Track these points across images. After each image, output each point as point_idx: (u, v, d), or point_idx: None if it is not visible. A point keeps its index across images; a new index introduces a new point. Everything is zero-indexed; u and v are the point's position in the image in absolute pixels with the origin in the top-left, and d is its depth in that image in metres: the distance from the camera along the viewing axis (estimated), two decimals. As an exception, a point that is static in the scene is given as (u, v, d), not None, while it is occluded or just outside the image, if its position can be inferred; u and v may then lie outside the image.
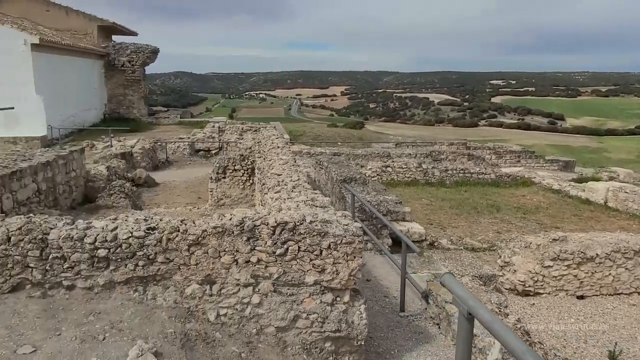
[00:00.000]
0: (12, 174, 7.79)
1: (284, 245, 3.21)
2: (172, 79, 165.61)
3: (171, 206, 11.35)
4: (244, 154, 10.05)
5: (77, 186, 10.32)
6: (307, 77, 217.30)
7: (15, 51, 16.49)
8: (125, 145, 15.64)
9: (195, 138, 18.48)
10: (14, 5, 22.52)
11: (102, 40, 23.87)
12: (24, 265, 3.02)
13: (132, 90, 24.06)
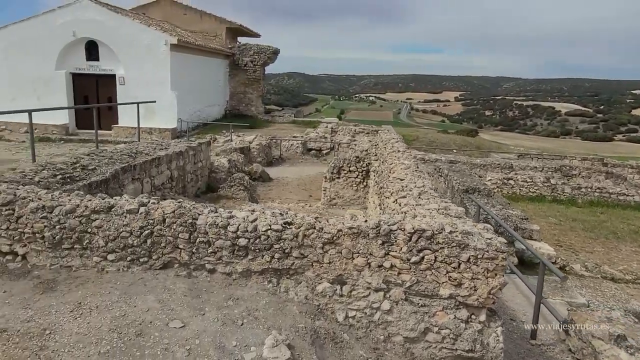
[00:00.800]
0: (152, 161, 8.68)
1: (419, 253, 3.10)
2: (286, 79, 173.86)
3: (284, 202, 11.81)
4: (360, 155, 10.09)
5: (202, 176, 11.22)
6: (419, 81, 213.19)
7: (158, 50, 18.55)
8: (244, 140, 16.71)
9: (308, 137, 19.09)
10: (157, 9, 25.40)
11: (228, 41, 25.83)
12: (174, 246, 3.30)
13: (252, 88, 25.66)
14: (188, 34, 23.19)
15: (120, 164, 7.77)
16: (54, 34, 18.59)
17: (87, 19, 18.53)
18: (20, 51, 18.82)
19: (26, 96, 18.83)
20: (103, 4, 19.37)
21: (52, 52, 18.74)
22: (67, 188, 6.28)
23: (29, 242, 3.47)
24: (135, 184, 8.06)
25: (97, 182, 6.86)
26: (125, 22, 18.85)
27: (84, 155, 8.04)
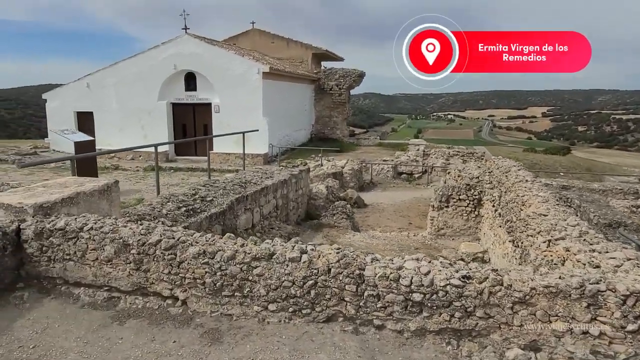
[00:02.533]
0: (261, 191, 8.78)
1: (637, 320, 2.61)
2: (362, 99, 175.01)
3: (384, 230, 11.46)
4: (470, 183, 9.52)
5: (302, 203, 11.22)
6: (502, 97, 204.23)
7: (250, 79, 19.32)
8: (335, 165, 16.70)
9: (398, 160, 18.68)
10: (247, 39, 26.67)
11: (314, 66, 26.38)
12: (340, 298, 3.10)
13: (337, 112, 25.87)
14: (276, 61, 24.01)
15: (233, 194, 7.92)
16: (157, 68, 20.09)
17: (186, 53, 19.83)
18: (128, 85, 20.55)
19: (132, 126, 20.46)
20: (201, 38, 20.66)
21: (155, 84, 20.24)
22: (192, 221, 6.46)
23: (190, 287, 3.46)
24: (247, 214, 8.17)
25: (216, 213, 7.01)
26: (220, 54, 19.92)
27: (201, 186, 8.32)
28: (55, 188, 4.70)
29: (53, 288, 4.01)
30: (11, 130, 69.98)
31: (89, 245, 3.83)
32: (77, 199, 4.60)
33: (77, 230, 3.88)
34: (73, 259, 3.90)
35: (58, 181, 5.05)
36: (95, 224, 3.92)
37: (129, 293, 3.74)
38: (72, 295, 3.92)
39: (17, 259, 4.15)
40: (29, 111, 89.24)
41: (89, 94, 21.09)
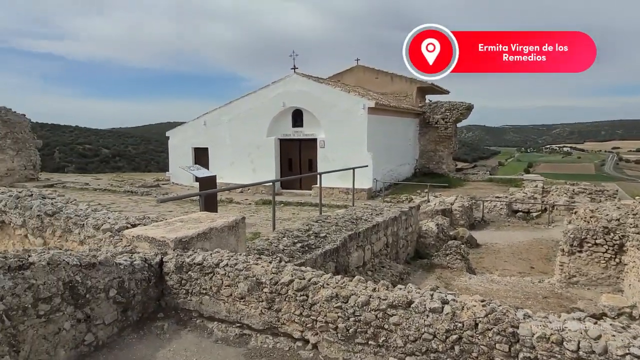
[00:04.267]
0: (372, 227, 8.66)
1: None
2: (465, 132, 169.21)
3: (503, 273, 10.63)
4: (608, 225, 8.49)
5: (411, 241, 10.87)
6: (629, 127, 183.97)
7: (356, 114, 19.65)
8: (444, 201, 16.08)
9: (513, 197, 17.47)
10: (351, 75, 27.38)
11: (419, 100, 26.14)
12: (489, 357, 2.83)
13: (443, 146, 25.17)
14: (380, 96, 24.23)
15: (346, 231, 7.89)
16: (267, 105, 21.37)
17: (294, 91, 20.87)
18: (240, 122, 22.08)
19: (242, 160, 21.83)
20: (308, 76, 21.64)
21: (265, 121, 21.48)
22: (308, 257, 6.52)
23: (322, 331, 3.42)
24: (359, 252, 8.08)
25: (330, 250, 7.01)
26: (327, 90, 20.63)
27: (314, 222, 8.45)
28: (191, 223, 5.05)
29: (189, 320, 4.24)
30: (135, 164, 78.71)
31: (223, 281, 4.00)
32: (210, 234, 4.88)
33: (213, 265, 4.09)
34: (209, 293, 4.09)
35: (192, 216, 5.43)
36: (229, 260, 4.10)
37: (260, 332, 3.81)
38: (206, 329, 4.10)
39: (158, 290, 4.48)
40: (150, 146, 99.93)
41: (205, 131, 23.03)
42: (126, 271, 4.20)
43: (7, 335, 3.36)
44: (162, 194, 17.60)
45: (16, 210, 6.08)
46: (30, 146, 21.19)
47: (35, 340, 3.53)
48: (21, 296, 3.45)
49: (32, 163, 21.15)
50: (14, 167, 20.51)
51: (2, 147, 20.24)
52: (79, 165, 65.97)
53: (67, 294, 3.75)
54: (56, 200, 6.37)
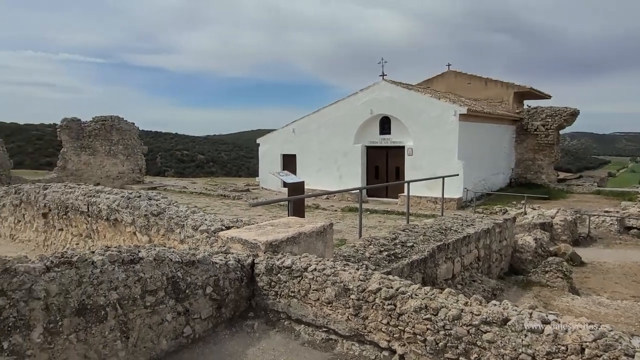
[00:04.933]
0: (462, 239, 8.34)
1: None
2: (568, 139, 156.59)
3: (612, 296, 9.66)
4: None
5: (505, 255, 10.30)
6: None
7: (446, 121, 19.08)
8: (543, 214, 15.00)
9: (626, 212, 15.80)
10: (441, 82, 26.67)
11: (516, 106, 24.72)
12: (596, 387, 2.60)
13: (543, 154, 23.53)
14: (473, 102, 23.31)
15: (434, 241, 7.69)
16: (355, 113, 21.52)
17: (383, 98, 20.80)
18: (327, 129, 22.47)
19: (328, 167, 22.18)
20: (397, 83, 21.46)
21: (352, 128, 21.64)
22: (394, 266, 6.45)
23: (409, 342, 3.38)
24: (448, 264, 7.83)
25: (417, 260, 6.87)
26: (416, 97, 20.30)
27: (400, 230, 8.35)
28: (280, 227, 5.26)
29: (277, 321, 4.40)
30: (227, 169, 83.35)
31: (311, 285, 4.11)
32: (299, 239, 5.04)
33: (301, 269, 4.21)
34: (297, 296, 4.22)
35: (282, 221, 5.64)
36: (317, 265, 4.20)
37: (346, 338, 3.85)
38: (293, 331, 4.23)
39: (249, 290, 4.71)
40: (241, 153, 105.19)
41: (293, 138, 23.76)
42: (221, 270, 4.47)
43: (119, 322, 3.74)
44: (252, 199, 18.45)
45: (127, 209, 6.75)
46: (137, 152, 23.36)
47: (142, 328, 3.88)
48: (132, 287, 3.83)
49: (138, 167, 23.29)
50: (123, 170, 22.75)
51: (115, 152, 22.57)
52: (177, 170, 71.22)
53: (170, 288, 4.08)
54: (160, 202, 6.97)
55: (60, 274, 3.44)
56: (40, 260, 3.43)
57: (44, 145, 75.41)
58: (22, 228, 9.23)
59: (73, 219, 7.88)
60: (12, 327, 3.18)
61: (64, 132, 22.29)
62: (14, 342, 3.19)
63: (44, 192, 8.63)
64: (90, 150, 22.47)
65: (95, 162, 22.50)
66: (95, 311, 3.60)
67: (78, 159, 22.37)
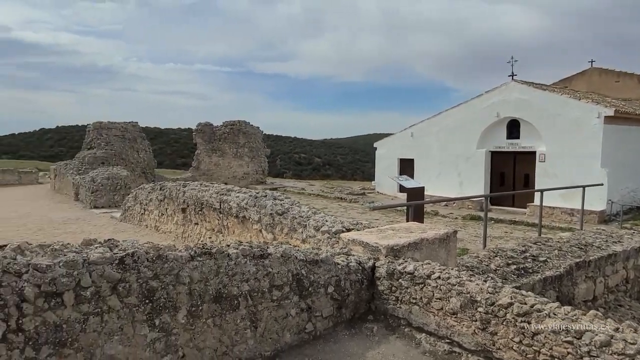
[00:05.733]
0: (607, 257, 7.50)
1: None
2: None
3: None
4: None
5: (660, 280, 8.99)
6: None
7: (587, 124, 17.24)
8: None
9: None
10: (582, 80, 24.19)
11: (678, 106, 21.41)
12: None
13: None
14: (621, 102, 20.75)
15: (572, 257, 7.03)
16: (479, 116, 20.48)
17: (511, 100, 19.49)
18: (448, 133, 21.72)
19: (448, 172, 21.41)
20: (528, 83, 19.97)
21: (475, 132, 20.62)
22: (524, 281, 6.01)
23: (545, 365, 3.14)
24: (588, 284, 7.09)
25: (551, 277, 6.34)
26: (550, 98, 18.67)
27: (531, 243, 7.77)
28: (402, 232, 5.23)
29: (397, 327, 4.39)
30: (342, 173, 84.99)
31: (434, 293, 4.02)
32: (421, 245, 4.97)
33: (424, 276, 4.15)
34: (418, 304, 4.17)
35: (403, 225, 5.61)
36: (441, 273, 4.10)
37: (472, 352, 3.70)
38: (414, 339, 4.18)
39: (369, 293, 4.76)
40: (357, 156, 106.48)
41: (412, 142, 23.39)
42: (342, 271, 4.60)
43: (250, 312, 4.04)
44: (368, 202, 18.59)
45: (254, 208, 7.26)
46: (261, 154, 24.97)
47: (269, 320, 4.15)
48: (261, 281, 4.12)
49: (262, 168, 24.88)
50: (248, 171, 24.48)
51: (241, 154, 24.39)
52: (295, 172, 74.50)
53: (295, 284, 4.30)
54: (284, 202, 7.37)
55: (202, 263, 3.83)
56: (185, 250, 3.85)
57: (180, 148, 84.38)
58: (165, 220, 10.43)
59: (207, 215, 8.69)
60: (162, 307, 3.62)
61: (199, 135, 24.69)
62: (163, 320, 3.63)
63: (184, 189, 9.66)
64: (220, 152, 24.56)
65: (223, 163, 24.53)
66: (230, 300, 3.94)
67: (209, 160, 24.59)
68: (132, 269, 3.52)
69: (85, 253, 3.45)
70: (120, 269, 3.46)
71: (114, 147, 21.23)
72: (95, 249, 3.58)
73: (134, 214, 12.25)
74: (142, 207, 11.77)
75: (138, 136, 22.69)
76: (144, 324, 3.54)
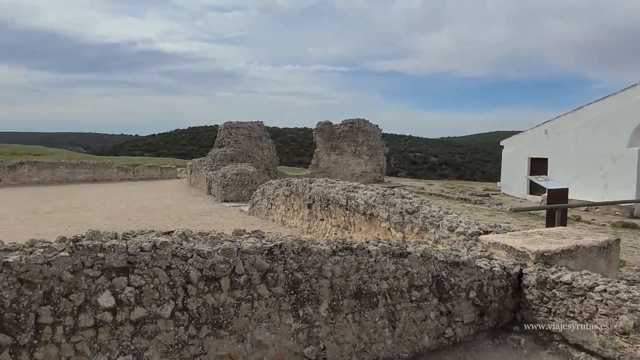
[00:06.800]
0: None
1: None
2: None
3: None
4: None
5: None
6: None
7: None
8: None
9: None
10: None
11: None
12: None
13: None
14: None
15: None
16: (630, 110, 18.13)
17: (674, 89, 16.97)
18: (590, 130, 19.56)
19: (590, 174, 19.27)
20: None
21: (626, 129, 18.29)
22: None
23: None
24: None
25: None
26: None
27: None
28: (552, 237, 4.79)
29: (549, 342, 4.02)
30: (460, 172, 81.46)
31: (598, 308, 3.61)
32: (576, 253, 4.50)
33: (585, 288, 3.74)
34: (577, 318, 3.78)
35: (552, 230, 5.14)
36: (606, 286, 3.67)
37: (648, 379, 3.25)
38: (571, 357, 3.80)
39: (515, 302, 4.44)
40: (476, 155, 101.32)
41: (545, 140, 21.51)
42: (485, 276, 4.35)
43: (388, 311, 4.01)
44: (495, 204, 17.53)
45: (382, 205, 7.23)
46: (379, 152, 24.93)
47: (407, 321, 4.08)
48: (400, 280, 4.06)
49: (380, 167, 24.82)
50: (366, 169, 24.59)
51: (360, 152, 24.58)
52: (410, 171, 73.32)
53: (434, 286, 4.17)
54: (412, 200, 7.23)
55: (343, 258, 3.89)
56: (327, 244, 3.94)
57: (297, 147, 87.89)
58: (291, 215, 10.90)
59: (333, 211, 8.88)
60: (305, 299, 3.75)
61: (318, 134, 25.42)
62: (307, 312, 3.75)
63: (310, 185, 9.99)
64: (339, 150, 25.01)
65: (342, 161, 24.95)
66: (369, 297, 3.95)
67: (328, 158, 25.19)
68: (280, 260, 3.69)
69: (239, 242, 3.71)
70: (269, 259, 3.66)
71: (241, 145, 22.77)
72: (246, 238, 3.83)
73: (261, 208, 12.99)
74: (269, 201, 12.44)
75: (263, 135, 24.05)
76: (289, 313, 3.70)
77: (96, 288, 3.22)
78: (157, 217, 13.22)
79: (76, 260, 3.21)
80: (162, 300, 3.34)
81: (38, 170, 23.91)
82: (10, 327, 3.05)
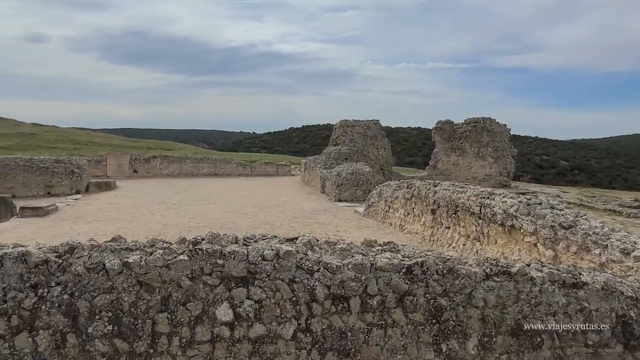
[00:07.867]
0: None
1: None
2: None
3: None
4: None
5: None
6: None
7: None
8: None
9: None
10: None
11: None
12: None
13: None
14: None
15: None
16: None
17: None
18: None
19: None
20: None
21: None
22: None
23: None
24: None
25: None
26: None
27: None
28: None
29: None
30: (596, 179, 73.06)
31: None
32: None
33: None
34: None
35: None
36: None
37: None
38: None
39: None
40: (617, 161, 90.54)
41: None
42: (693, 322, 3.30)
43: (555, 355, 3.19)
44: (652, 220, 14.99)
45: (528, 217, 6.23)
46: (507, 154, 22.92)
47: (580, 371, 3.22)
48: (572, 317, 3.22)
49: (507, 170, 22.82)
50: (490, 172, 22.77)
51: (484, 154, 22.84)
52: (534, 176, 67.52)
53: (619, 329, 3.26)
54: (565, 212, 6.12)
55: (499, 285, 3.16)
56: (478, 265, 3.25)
57: (409, 146, 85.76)
58: (411, 220, 10.18)
59: (462, 219, 8.00)
60: (450, 331, 3.10)
61: (438, 133, 24.13)
62: (451, 347, 3.10)
63: (434, 189, 9.18)
64: (460, 151, 23.49)
65: (463, 163, 23.40)
66: (530, 336, 3.18)
67: (447, 159, 23.80)
68: (420, 281, 3.09)
69: (372, 256, 3.18)
70: (407, 279, 3.07)
71: (356, 144, 22.42)
72: (379, 252, 3.28)
73: (378, 210, 12.43)
74: (386, 204, 11.82)
75: (379, 134, 23.46)
76: (429, 347, 3.08)
77: (214, 298, 2.91)
78: (272, 214, 13.33)
79: (195, 265, 2.93)
80: (284, 319, 2.93)
81: (168, 164, 26.05)
82: (128, 332, 2.86)
